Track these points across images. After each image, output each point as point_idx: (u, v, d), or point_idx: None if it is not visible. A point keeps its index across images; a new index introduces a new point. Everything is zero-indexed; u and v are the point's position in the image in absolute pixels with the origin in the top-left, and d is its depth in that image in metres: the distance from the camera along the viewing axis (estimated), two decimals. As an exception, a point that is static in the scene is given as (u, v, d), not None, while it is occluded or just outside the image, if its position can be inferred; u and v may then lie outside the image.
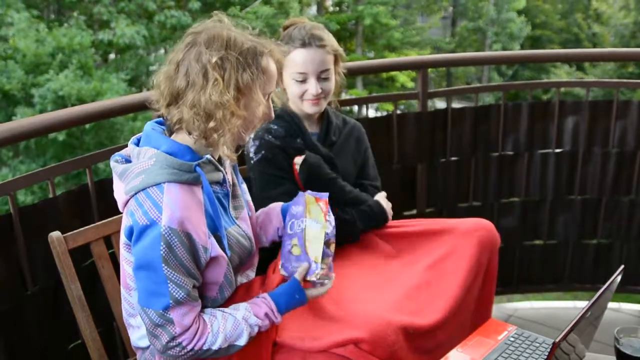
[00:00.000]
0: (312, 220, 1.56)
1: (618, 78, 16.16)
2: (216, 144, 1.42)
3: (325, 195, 1.59)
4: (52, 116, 1.93)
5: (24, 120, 1.89)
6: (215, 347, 1.43)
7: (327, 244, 1.56)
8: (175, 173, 1.37)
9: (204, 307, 1.50)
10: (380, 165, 2.62)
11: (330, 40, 1.96)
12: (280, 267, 1.60)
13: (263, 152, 1.96)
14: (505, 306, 3.15)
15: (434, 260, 1.91)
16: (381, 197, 2.09)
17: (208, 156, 1.45)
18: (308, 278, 1.55)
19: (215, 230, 1.45)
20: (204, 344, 1.41)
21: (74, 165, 1.92)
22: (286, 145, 1.97)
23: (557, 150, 2.86)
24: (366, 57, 19.44)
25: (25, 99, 13.00)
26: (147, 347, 1.56)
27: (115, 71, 14.42)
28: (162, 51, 16.65)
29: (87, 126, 12.68)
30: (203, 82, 1.37)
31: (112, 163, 1.48)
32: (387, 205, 2.07)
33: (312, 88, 1.92)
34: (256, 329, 1.48)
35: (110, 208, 1.94)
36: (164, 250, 1.33)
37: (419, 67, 2.63)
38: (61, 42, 13.29)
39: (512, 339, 1.73)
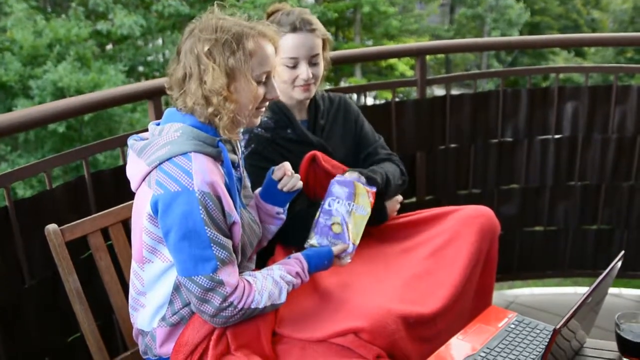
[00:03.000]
0: (359, 206, 1.68)
1: (617, 63, 16.12)
2: (218, 127, 1.48)
3: (374, 188, 1.73)
4: (50, 107, 1.91)
5: (22, 111, 1.88)
6: (261, 306, 1.48)
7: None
8: (200, 145, 1.43)
9: None
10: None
11: (319, 24, 1.95)
12: (314, 237, 1.68)
13: (253, 145, 1.94)
14: (505, 293, 3.15)
15: (434, 248, 1.90)
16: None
17: (225, 132, 1.50)
18: (343, 256, 1.66)
19: (233, 204, 1.49)
20: (252, 302, 1.46)
21: (71, 157, 1.91)
22: (276, 137, 1.96)
23: (557, 137, 2.85)
24: (364, 45, 19.36)
25: (23, 91, 12.97)
26: (148, 332, 1.57)
27: (112, 62, 14.38)
28: (159, 41, 16.62)
29: (85, 118, 12.66)
30: (198, 71, 1.43)
31: (130, 142, 1.53)
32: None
33: (304, 73, 1.90)
34: (291, 287, 1.55)
35: (107, 200, 1.94)
36: (203, 213, 1.38)
37: (417, 54, 2.61)
38: (59, 33, 13.25)
39: (512, 325, 1.72)
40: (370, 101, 17.37)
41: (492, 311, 1.81)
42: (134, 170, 1.48)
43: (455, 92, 2.86)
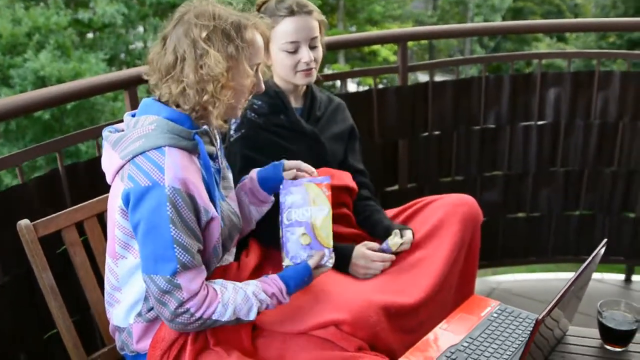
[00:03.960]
0: (317, 208, 1.55)
1: (599, 48, 16.18)
2: (208, 117, 1.45)
3: (327, 179, 1.59)
4: (19, 99, 1.86)
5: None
6: (224, 319, 1.43)
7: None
8: (175, 138, 1.39)
9: None
10: (361, 141, 2.59)
11: (315, 7, 1.91)
12: (286, 258, 1.57)
13: (243, 130, 1.91)
14: (488, 279, 3.15)
15: (417, 239, 1.88)
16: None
17: (206, 127, 1.47)
18: (323, 263, 1.56)
19: (210, 199, 1.45)
20: (213, 312, 1.41)
21: (43, 150, 1.86)
22: (268, 123, 1.92)
23: (540, 123, 2.83)
24: (348, 31, 19.30)
25: (3, 80, 12.79)
26: (125, 328, 1.54)
27: (94, 50, 14.20)
28: (141, 29, 16.43)
29: (68, 107, 12.52)
30: (194, 56, 1.39)
31: (104, 134, 1.48)
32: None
33: (306, 56, 1.86)
34: (264, 306, 1.49)
35: (83, 193, 1.89)
36: (170, 210, 1.34)
37: (399, 40, 2.57)
38: (38, 21, 13.07)
39: (495, 314, 1.71)
40: (353, 87, 17.35)
41: (475, 300, 1.80)
42: (109, 163, 1.44)
43: (438, 78, 2.84)
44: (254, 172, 1.69)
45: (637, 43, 16.82)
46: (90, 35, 15.87)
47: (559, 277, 3.10)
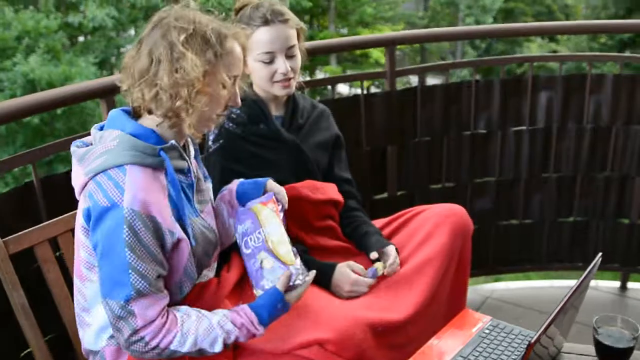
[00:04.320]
0: (269, 228, 1.47)
1: (590, 50, 16.18)
2: (181, 124, 1.37)
3: (270, 196, 1.50)
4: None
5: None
6: (184, 350, 1.34)
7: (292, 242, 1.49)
8: (139, 155, 1.32)
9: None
10: (348, 148, 2.52)
11: (291, 14, 1.84)
12: (256, 288, 1.49)
13: (221, 141, 1.84)
14: (481, 288, 3.09)
15: (405, 252, 1.82)
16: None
17: (173, 142, 1.39)
18: (294, 283, 1.46)
19: (178, 217, 1.39)
20: (170, 342, 1.33)
21: (17, 162, 1.78)
22: (247, 132, 1.86)
23: (531, 128, 2.78)
24: (339, 33, 19.24)
25: (-8, 86, 12.69)
26: (98, 352, 1.47)
27: (84, 54, 14.10)
28: (132, 32, 16.34)
29: (58, 111, 12.41)
30: (170, 58, 1.32)
31: (72, 148, 1.42)
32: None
33: (282, 67, 1.80)
34: (233, 337, 1.39)
35: (60, 206, 1.81)
36: (127, 233, 1.27)
37: (386, 44, 2.51)
38: (27, 25, 12.96)
39: (487, 330, 1.65)
40: (345, 89, 17.24)
41: (466, 315, 1.74)
42: (75, 178, 1.37)
43: (431, 80, 2.78)
44: (235, 184, 1.62)
45: (627, 44, 16.84)
46: (81, 38, 15.77)
47: (554, 285, 3.04)
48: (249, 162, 1.84)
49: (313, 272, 1.51)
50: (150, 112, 1.38)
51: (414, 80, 2.71)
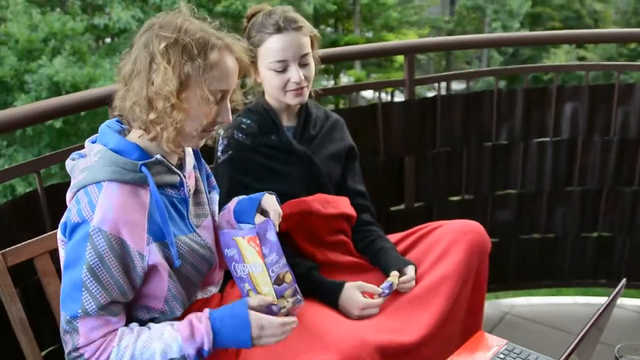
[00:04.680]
0: (251, 264, 1.38)
1: (619, 55, 15.89)
2: (159, 139, 1.31)
3: (252, 232, 1.37)
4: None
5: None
6: None
7: (279, 281, 1.38)
8: (118, 172, 1.27)
9: (155, 320, 1.37)
10: (364, 158, 2.45)
11: (305, 22, 1.78)
12: None
13: (230, 152, 1.79)
14: (500, 302, 2.99)
15: (419, 271, 1.74)
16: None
17: (158, 156, 1.33)
18: (277, 311, 1.38)
19: (160, 237, 1.32)
20: (107, 358, 1.27)
21: (20, 171, 1.75)
22: (257, 143, 1.80)
23: (555, 139, 2.68)
24: (364, 37, 19.19)
25: (19, 86, 12.83)
26: None
27: (109, 56, 14.21)
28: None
29: (82, 113, 12.50)
30: (148, 69, 1.27)
31: (67, 160, 1.39)
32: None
33: (295, 75, 1.74)
34: (175, 345, 1.26)
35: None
36: (89, 252, 1.23)
37: (404, 52, 2.44)
38: (54, 27, 13.11)
39: (501, 355, 1.57)
40: (370, 95, 17.16)
41: (481, 338, 1.65)
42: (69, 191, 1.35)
43: (455, 85, 2.70)
44: (233, 203, 1.55)
45: (658, 50, 16.53)
46: (108, 40, 15.91)
47: (577, 302, 2.93)
48: (258, 174, 1.79)
49: (301, 303, 1.42)
50: (129, 123, 1.35)
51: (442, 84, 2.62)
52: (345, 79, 19.49)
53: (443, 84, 2.59)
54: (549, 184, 2.73)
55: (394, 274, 1.72)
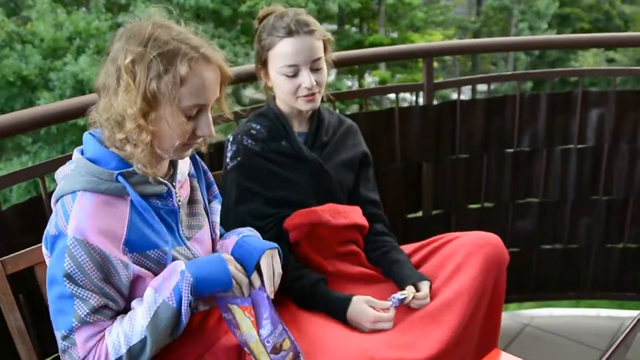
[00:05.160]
0: (247, 334, 1.31)
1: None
2: (131, 157, 1.24)
3: (247, 301, 1.31)
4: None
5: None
6: (123, 352, 1.21)
7: (276, 350, 1.32)
8: (93, 181, 1.22)
9: None
10: (381, 164, 2.39)
11: (317, 25, 1.72)
12: None
13: (239, 158, 1.74)
14: (520, 314, 2.90)
15: (433, 286, 1.67)
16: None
17: (139, 166, 1.25)
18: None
19: (140, 248, 1.26)
20: (107, 354, 1.21)
21: (25, 176, 1.71)
22: (267, 149, 1.74)
23: (580, 146, 2.58)
24: (389, 38, 19.06)
25: (43, 84, 12.97)
26: None
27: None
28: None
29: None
30: (116, 85, 1.19)
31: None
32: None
33: (306, 81, 1.68)
34: (159, 298, 1.21)
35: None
36: (68, 263, 1.18)
37: (423, 55, 2.36)
38: (79, 26, 13.23)
39: (518, 377, 1.49)
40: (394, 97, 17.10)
41: (496, 357, 1.57)
42: None
43: (480, 86, 2.61)
44: (232, 242, 1.42)
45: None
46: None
47: (601, 315, 2.83)
48: (267, 182, 1.73)
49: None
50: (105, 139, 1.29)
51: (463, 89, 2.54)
52: (369, 79, 19.40)
53: (468, 87, 2.50)
54: (573, 193, 2.63)
55: (411, 289, 1.65)
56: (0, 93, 12.93)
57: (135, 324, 1.21)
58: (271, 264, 1.33)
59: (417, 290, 1.65)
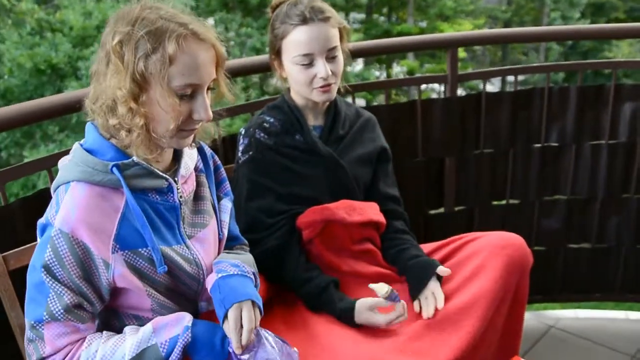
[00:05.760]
0: None
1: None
2: (128, 145, 1.19)
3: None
4: (14, 109, 1.68)
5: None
6: None
7: None
8: (88, 172, 1.18)
9: None
10: (402, 158, 2.31)
11: (333, 12, 1.64)
12: None
13: (251, 152, 1.67)
14: (545, 314, 2.80)
15: (450, 288, 1.59)
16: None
17: (135, 158, 1.20)
18: None
19: (133, 245, 1.20)
20: None
21: (31, 168, 1.67)
22: (281, 143, 1.68)
23: (611, 142, 2.46)
24: (418, 27, 18.82)
25: (71, 73, 13.05)
26: None
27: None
28: (210, 21, 16.53)
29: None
30: (105, 70, 1.15)
31: None
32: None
33: (322, 70, 1.60)
34: (151, 340, 1.18)
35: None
36: (48, 255, 1.15)
37: (447, 46, 2.26)
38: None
39: (540, 388, 1.41)
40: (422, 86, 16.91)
41: (517, 365, 1.50)
42: None
43: (512, 78, 2.51)
44: (209, 282, 1.32)
45: None
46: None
47: (630, 318, 2.72)
48: (279, 177, 1.67)
49: None
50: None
51: (489, 86, 2.44)
52: (397, 69, 19.19)
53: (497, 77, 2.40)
54: (603, 190, 2.52)
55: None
56: (30, 81, 13.04)
57: (117, 351, 1.18)
58: (239, 317, 1.22)
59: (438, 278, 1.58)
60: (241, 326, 1.21)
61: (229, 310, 1.22)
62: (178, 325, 1.21)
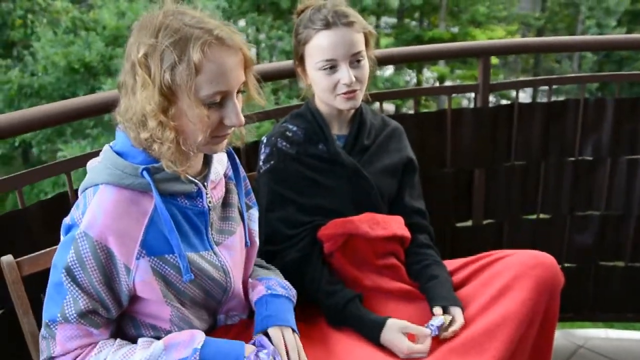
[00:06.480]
0: None
1: None
2: (159, 157, 1.17)
3: None
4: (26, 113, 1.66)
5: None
6: None
7: None
8: (117, 175, 1.17)
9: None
10: (430, 169, 2.25)
11: (358, 16, 1.59)
12: None
13: (273, 162, 1.63)
14: (574, 333, 2.70)
15: (476, 309, 1.52)
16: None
17: (169, 163, 1.17)
18: None
19: (160, 251, 1.18)
20: None
21: (49, 172, 1.65)
22: (303, 153, 1.63)
23: (648, 157, 2.38)
24: (449, 32, 18.68)
25: (104, 71, 13.20)
26: None
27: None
28: (242, 23, 16.58)
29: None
30: (133, 82, 1.12)
31: None
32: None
33: (345, 76, 1.55)
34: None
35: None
36: (71, 257, 1.14)
37: (478, 54, 2.20)
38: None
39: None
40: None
41: (545, 392, 1.43)
42: None
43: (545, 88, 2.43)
44: (257, 294, 1.37)
45: None
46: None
47: (663, 340, 2.62)
48: (301, 187, 1.62)
49: None
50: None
51: (522, 97, 2.37)
52: (428, 74, 19.06)
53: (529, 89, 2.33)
54: (639, 207, 2.42)
55: (437, 310, 1.50)
56: (63, 79, 13.22)
57: None
58: (281, 339, 1.28)
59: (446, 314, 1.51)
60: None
61: (270, 328, 1.28)
62: (190, 346, 1.17)
